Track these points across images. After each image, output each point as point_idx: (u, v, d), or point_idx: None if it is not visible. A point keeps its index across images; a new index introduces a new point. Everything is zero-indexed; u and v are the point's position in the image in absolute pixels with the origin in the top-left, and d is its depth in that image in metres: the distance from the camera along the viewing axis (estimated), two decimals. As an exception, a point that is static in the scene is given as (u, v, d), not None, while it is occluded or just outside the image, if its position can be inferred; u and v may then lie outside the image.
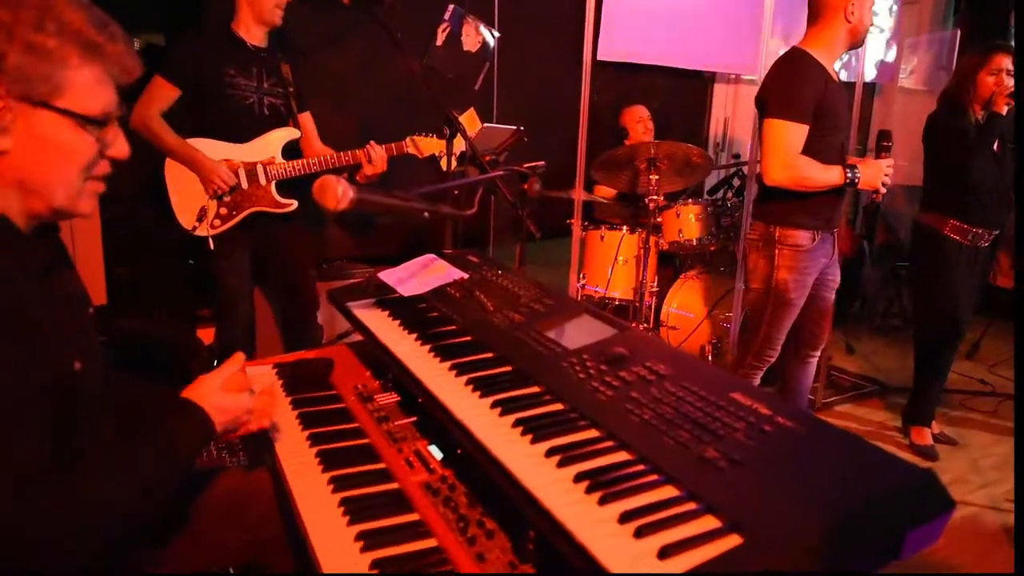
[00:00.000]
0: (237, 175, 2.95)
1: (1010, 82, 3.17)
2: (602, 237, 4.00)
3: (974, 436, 3.76)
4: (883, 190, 2.81)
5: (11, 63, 1.00)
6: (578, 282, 3.90)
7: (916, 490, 0.93)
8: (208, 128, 2.91)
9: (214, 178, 2.89)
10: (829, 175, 2.75)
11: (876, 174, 2.78)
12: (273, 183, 3.00)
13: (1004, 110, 3.11)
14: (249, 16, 2.95)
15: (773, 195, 2.84)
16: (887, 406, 4.11)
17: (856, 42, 2.82)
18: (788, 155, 2.71)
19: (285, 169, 3.00)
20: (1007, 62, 3.19)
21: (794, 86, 2.73)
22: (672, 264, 4.45)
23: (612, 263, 3.95)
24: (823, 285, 3.00)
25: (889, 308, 5.67)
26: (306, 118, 3.16)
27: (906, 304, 5.50)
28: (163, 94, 2.86)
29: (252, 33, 2.98)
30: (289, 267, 3.20)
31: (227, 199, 2.94)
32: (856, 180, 2.75)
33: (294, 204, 3.05)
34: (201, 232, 2.89)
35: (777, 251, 2.84)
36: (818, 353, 3.21)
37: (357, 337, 1.98)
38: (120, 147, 1.17)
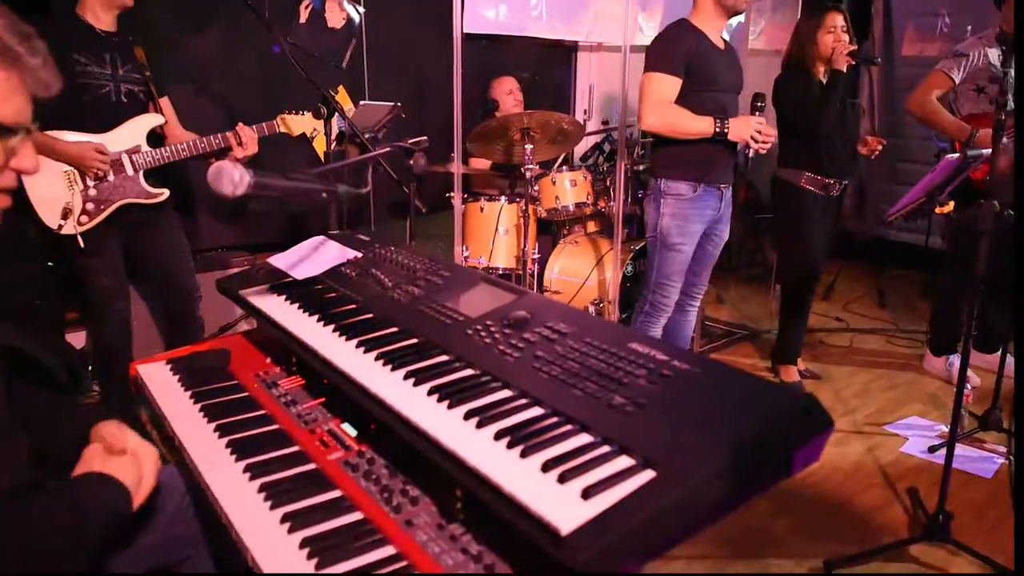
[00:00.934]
0: (107, 156, 2.79)
1: (846, 39, 3.42)
2: (482, 209, 4.05)
3: (834, 370, 4.10)
4: (755, 145, 3.01)
5: None
6: (462, 254, 3.94)
7: (800, 412, 1.04)
8: (64, 120, 2.73)
9: (90, 160, 2.72)
10: (699, 123, 2.98)
11: (744, 126, 2.99)
12: (141, 172, 2.86)
13: (844, 67, 3.36)
14: (94, 3, 2.78)
15: (659, 150, 3.15)
16: (756, 349, 4.41)
17: (727, 7, 3.02)
18: (659, 102, 2.97)
19: (153, 157, 2.87)
20: (840, 19, 3.45)
21: (665, 44, 3.05)
22: (551, 231, 4.57)
23: (493, 234, 4.01)
24: (708, 238, 3.24)
25: (752, 259, 6.05)
26: (166, 103, 3.02)
27: (768, 254, 5.89)
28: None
29: (100, 18, 2.81)
30: (165, 260, 3.07)
31: (92, 192, 2.78)
32: (725, 130, 2.97)
33: (165, 193, 2.93)
34: (68, 230, 2.73)
35: (663, 200, 3.13)
36: (695, 303, 3.43)
37: (244, 326, 1.96)
38: (27, 160, 1.13)
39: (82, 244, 2.76)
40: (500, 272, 4.07)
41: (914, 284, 5.72)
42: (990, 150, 2.41)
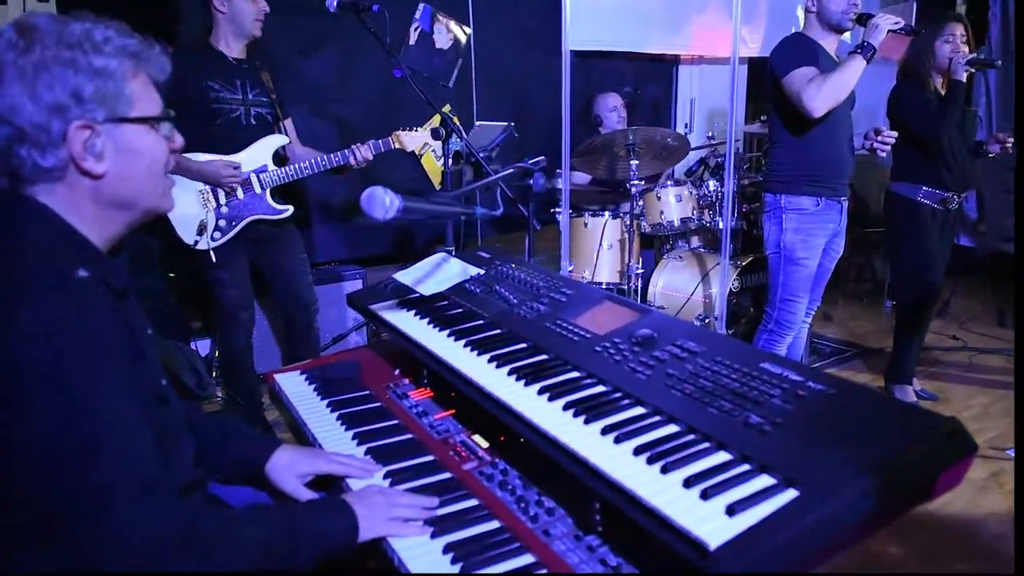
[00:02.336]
0: (239, 171, 2.99)
1: (965, 49, 3.31)
2: (586, 224, 4.09)
3: (952, 390, 3.93)
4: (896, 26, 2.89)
5: (88, 92, 1.08)
6: (566, 269, 3.98)
7: (944, 436, 1.04)
8: (198, 143, 2.93)
9: (225, 177, 2.92)
10: (850, 67, 2.87)
11: (880, 22, 2.87)
12: (268, 190, 3.05)
13: (964, 77, 3.24)
14: (229, 31, 2.99)
15: (777, 168, 3.13)
16: (867, 368, 4.27)
17: (830, 26, 3.00)
18: (807, 87, 2.86)
19: (278, 175, 3.05)
20: (960, 29, 3.33)
21: (791, 46, 3.04)
22: (655, 246, 4.56)
23: (597, 249, 4.04)
24: (825, 253, 3.19)
25: (860, 274, 5.86)
26: (289, 124, 3.21)
27: (877, 269, 5.69)
28: None
29: (231, 47, 3.02)
30: (287, 273, 3.24)
31: (224, 210, 2.98)
32: (869, 45, 2.87)
33: (290, 209, 3.11)
34: (202, 246, 2.93)
35: (784, 215, 3.10)
36: (807, 320, 3.37)
37: (356, 336, 2.05)
38: (177, 139, 1.25)
39: (214, 259, 2.95)
40: (604, 286, 4.09)
41: (1038, 301, 5.42)
42: None
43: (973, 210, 6.01)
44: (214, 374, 3.64)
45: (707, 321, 3.96)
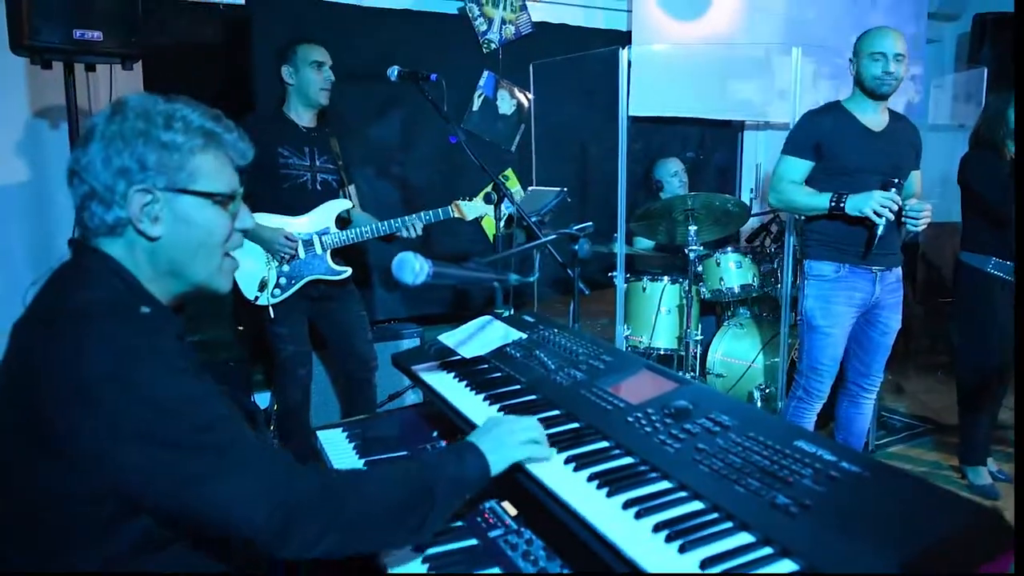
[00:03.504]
0: (297, 251, 3.10)
1: None
2: (644, 288, 4.07)
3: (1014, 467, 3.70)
4: (878, 220, 2.80)
5: (152, 161, 1.19)
6: (623, 333, 3.95)
7: (982, 528, 0.98)
8: (266, 204, 3.07)
9: (279, 245, 3.04)
10: (815, 199, 2.96)
11: (864, 201, 2.83)
12: (328, 252, 3.14)
13: None
14: (298, 101, 3.16)
15: (805, 232, 3.14)
16: (941, 445, 4.06)
17: (866, 91, 2.96)
18: (779, 182, 3.05)
19: (339, 238, 3.15)
20: None
21: (798, 127, 3.13)
22: (715, 312, 4.49)
23: (655, 313, 4.01)
24: (871, 325, 3.09)
25: (934, 345, 5.62)
26: (352, 190, 3.33)
27: (952, 341, 5.45)
28: None
29: (301, 115, 3.18)
30: (346, 331, 3.32)
31: (285, 268, 3.08)
32: (842, 204, 2.87)
33: (348, 271, 3.20)
34: (262, 302, 3.03)
35: (807, 281, 3.09)
36: (869, 395, 3.24)
37: (412, 396, 2.07)
38: (245, 219, 1.34)
39: (272, 315, 3.04)
40: (661, 352, 4.03)
41: None
42: None
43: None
44: (271, 427, 3.71)
45: (767, 391, 3.85)
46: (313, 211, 3.15)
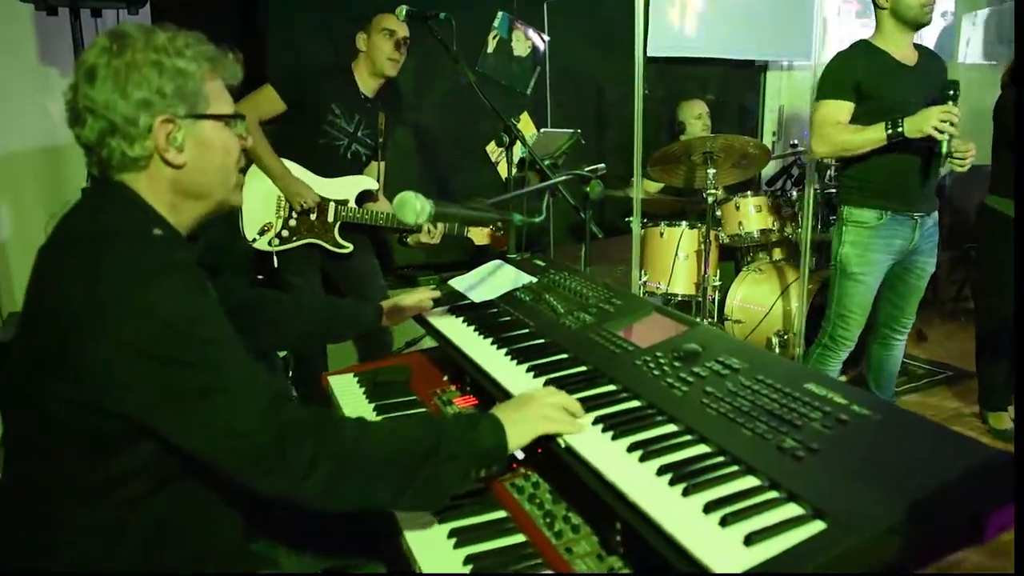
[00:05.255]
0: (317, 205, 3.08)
1: None
2: (662, 234, 4.01)
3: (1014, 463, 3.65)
4: (941, 136, 2.65)
5: (170, 90, 1.19)
6: (640, 279, 3.91)
7: (995, 473, 0.95)
8: (294, 150, 3.04)
9: (303, 195, 3.02)
10: (867, 133, 2.78)
11: (923, 119, 2.66)
12: (339, 223, 3.12)
13: None
14: (365, 67, 3.09)
15: (845, 177, 3.00)
16: (963, 392, 4.01)
17: (907, 21, 2.81)
18: (823, 126, 2.86)
19: (354, 214, 3.12)
20: None
21: (832, 69, 2.93)
22: (734, 257, 4.43)
23: (673, 259, 3.96)
24: (908, 270, 3.04)
25: (960, 292, 5.53)
26: (381, 167, 3.28)
27: (975, 284, 5.36)
28: (269, 105, 2.97)
29: (366, 82, 3.11)
30: (358, 282, 3.30)
31: (291, 223, 3.07)
32: (900, 129, 2.72)
33: (349, 248, 3.17)
34: (260, 246, 3.04)
35: (844, 228, 2.97)
36: (900, 337, 3.20)
37: (429, 341, 2.07)
38: (249, 138, 1.36)
39: (276, 263, 3.05)
40: (680, 299, 4.00)
41: None
42: None
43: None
44: (290, 374, 3.74)
45: (786, 337, 3.82)
46: (339, 179, 3.12)
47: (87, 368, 1.09)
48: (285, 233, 3.08)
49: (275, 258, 3.06)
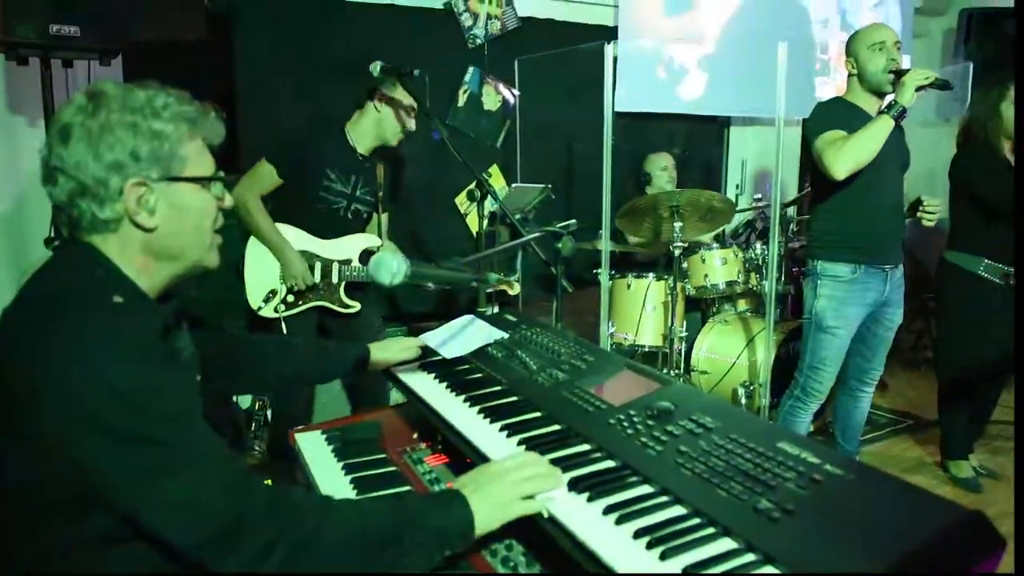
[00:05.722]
0: (313, 272, 3.06)
1: None
2: (629, 285, 4.05)
3: (1012, 466, 3.71)
4: (926, 81, 2.75)
5: (145, 152, 1.18)
6: (608, 330, 3.93)
7: (968, 531, 0.96)
8: (293, 216, 3.02)
9: (298, 277, 2.99)
10: (874, 128, 2.78)
11: (909, 86, 2.74)
12: (343, 284, 3.10)
13: None
14: (366, 128, 3.04)
15: (816, 231, 3.06)
16: (924, 440, 4.07)
17: (871, 88, 2.92)
18: (831, 145, 2.80)
19: (358, 273, 3.09)
20: None
21: (824, 110, 2.98)
22: (699, 308, 4.48)
23: (640, 310, 3.99)
24: (877, 322, 3.10)
25: (918, 341, 5.65)
26: (385, 218, 3.26)
27: (936, 336, 5.47)
28: (267, 180, 2.94)
29: (362, 141, 3.07)
30: (358, 332, 3.24)
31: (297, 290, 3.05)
32: (898, 103, 2.76)
33: (358, 307, 3.13)
34: (265, 313, 3.00)
35: (819, 282, 3.01)
36: (869, 389, 3.26)
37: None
38: (228, 199, 1.35)
39: (285, 329, 3.01)
40: (646, 350, 4.02)
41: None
42: None
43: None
44: (253, 426, 3.67)
45: (752, 388, 3.85)
46: (341, 238, 3.10)
47: (42, 435, 1.06)
48: (291, 298, 3.05)
49: (283, 324, 3.01)
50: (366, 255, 3.15)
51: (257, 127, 3.64)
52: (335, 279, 3.08)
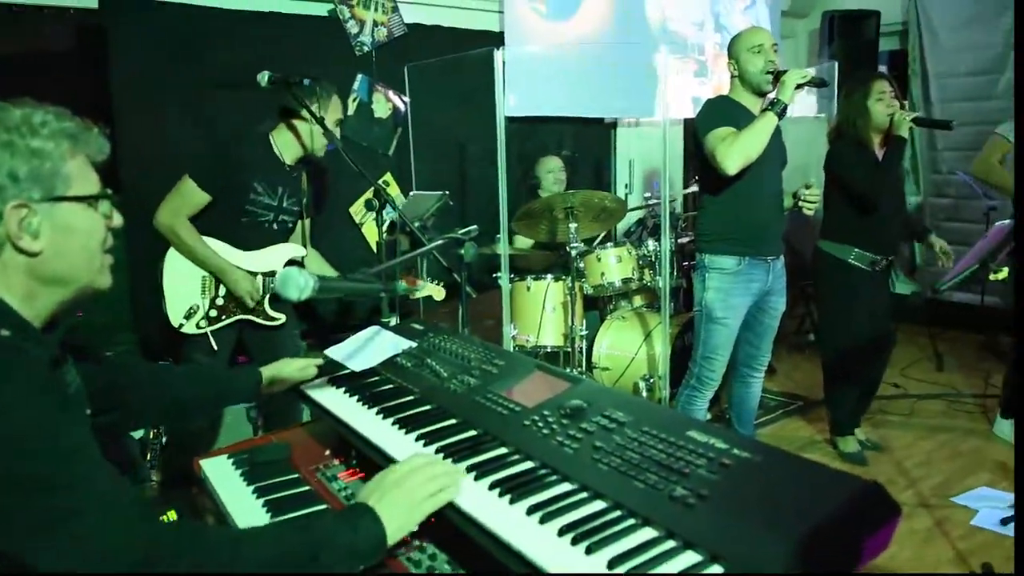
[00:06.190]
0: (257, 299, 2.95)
1: (897, 104, 3.40)
2: (528, 288, 4.10)
3: (895, 438, 3.99)
4: (806, 80, 2.95)
5: (24, 172, 1.12)
6: (510, 333, 3.97)
7: (867, 501, 1.03)
8: (216, 229, 2.89)
9: (248, 295, 2.90)
10: (761, 123, 2.93)
11: (789, 84, 2.91)
12: (267, 296, 2.99)
13: (906, 132, 3.31)
14: (296, 142, 2.94)
15: (703, 226, 3.20)
16: (813, 419, 4.31)
17: (752, 88, 3.06)
18: (721, 142, 2.92)
19: None
20: (887, 85, 3.42)
21: (712, 107, 3.13)
22: (597, 306, 4.59)
23: (541, 312, 4.05)
24: (762, 311, 3.26)
25: (801, 326, 5.97)
26: (307, 224, 3.17)
27: (816, 321, 5.80)
28: (194, 200, 2.80)
29: (289, 151, 2.96)
30: (274, 355, 3.12)
31: (219, 301, 2.92)
32: (780, 99, 2.92)
33: (282, 319, 3.04)
34: (188, 330, 2.86)
35: (707, 274, 3.15)
36: (758, 375, 3.41)
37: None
38: (117, 218, 1.28)
39: (214, 344, 2.88)
40: (548, 350, 4.08)
41: (972, 346, 5.57)
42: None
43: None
44: (148, 457, 3.50)
45: (652, 380, 3.97)
46: (265, 250, 2.99)
47: None
48: (213, 313, 2.91)
49: (211, 339, 2.88)
50: (291, 265, 3.06)
51: (139, 142, 3.48)
52: (260, 291, 2.98)
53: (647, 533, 1.05)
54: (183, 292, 2.87)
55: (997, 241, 2.66)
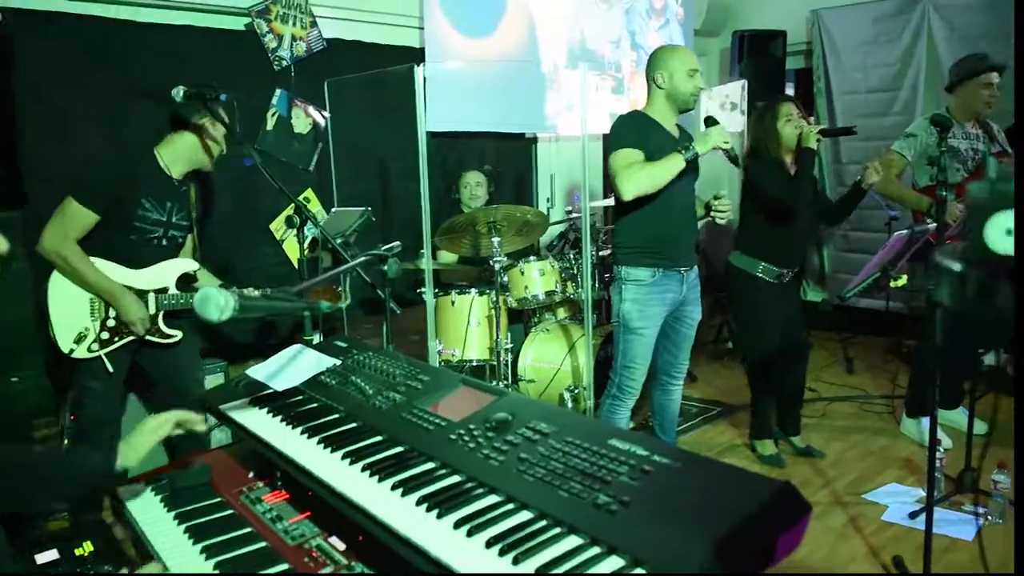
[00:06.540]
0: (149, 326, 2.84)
1: (804, 123, 3.56)
2: (453, 302, 4.11)
3: (810, 440, 4.13)
4: (727, 147, 3.06)
5: None
6: (436, 348, 3.97)
7: (779, 501, 1.08)
8: (103, 248, 2.77)
9: (138, 322, 2.79)
10: (668, 164, 3.00)
11: (708, 139, 3.03)
12: (160, 314, 2.89)
13: (815, 144, 3.45)
14: (183, 155, 2.86)
15: (619, 239, 3.25)
16: (732, 423, 4.44)
17: (677, 104, 3.16)
18: (626, 168, 2.99)
19: (177, 300, 2.89)
20: (793, 108, 3.57)
21: (623, 126, 3.15)
22: (522, 319, 4.63)
23: (466, 326, 4.06)
24: (679, 320, 3.33)
25: (719, 335, 6.15)
26: (193, 235, 3.07)
27: (733, 329, 5.99)
28: (82, 222, 2.67)
29: (176, 166, 2.87)
30: (174, 375, 3.05)
31: (110, 323, 2.80)
32: (693, 150, 3.02)
33: (178, 336, 2.94)
34: (79, 355, 2.74)
35: (624, 286, 3.22)
36: (678, 383, 3.48)
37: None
38: (2, 243, 1.28)
39: (109, 367, 2.77)
40: (474, 363, 4.09)
41: (879, 349, 5.84)
42: (934, 223, 2.54)
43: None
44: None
45: (577, 392, 4.02)
46: (154, 266, 2.88)
47: None
48: (105, 336, 2.79)
49: (106, 362, 2.76)
50: (183, 280, 2.97)
51: (46, 157, 3.35)
52: (152, 309, 2.88)
53: (572, 541, 1.08)
54: (71, 316, 2.76)
55: (896, 250, 2.81)
